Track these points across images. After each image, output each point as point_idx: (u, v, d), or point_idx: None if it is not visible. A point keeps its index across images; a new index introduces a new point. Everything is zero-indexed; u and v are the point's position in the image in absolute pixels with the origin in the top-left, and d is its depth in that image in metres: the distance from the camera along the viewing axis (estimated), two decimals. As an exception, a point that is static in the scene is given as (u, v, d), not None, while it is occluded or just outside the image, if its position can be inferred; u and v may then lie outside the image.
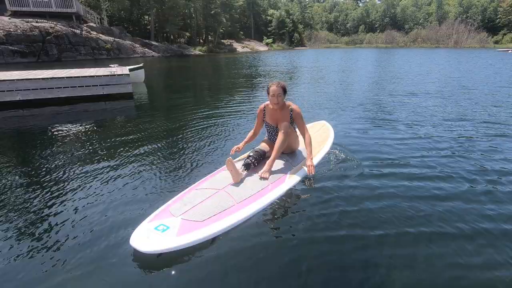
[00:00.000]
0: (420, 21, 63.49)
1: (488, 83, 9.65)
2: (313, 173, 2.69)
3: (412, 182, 2.81)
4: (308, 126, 3.99)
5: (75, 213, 2.34)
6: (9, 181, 2.92)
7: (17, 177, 3.03)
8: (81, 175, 3.02)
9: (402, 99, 7.03)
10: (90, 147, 3.88)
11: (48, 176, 3.01)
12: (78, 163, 3.33)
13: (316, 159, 3.05)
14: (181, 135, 4.38)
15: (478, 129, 4.58)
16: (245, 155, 2.90)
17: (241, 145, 2.98)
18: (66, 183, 2.85)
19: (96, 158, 3.48)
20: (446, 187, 2.74)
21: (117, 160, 3.39)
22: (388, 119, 5.19)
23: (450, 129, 4.59)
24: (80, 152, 3.70)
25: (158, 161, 3.38)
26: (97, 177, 2.96)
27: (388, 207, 2.38)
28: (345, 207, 2.39)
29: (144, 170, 3.12)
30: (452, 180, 2.87)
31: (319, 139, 3.57)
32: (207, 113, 5.81)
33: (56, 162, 3.38)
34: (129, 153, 3.60)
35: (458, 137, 4.19)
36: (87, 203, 2.48)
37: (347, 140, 3.97)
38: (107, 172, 3.08)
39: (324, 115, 5.29)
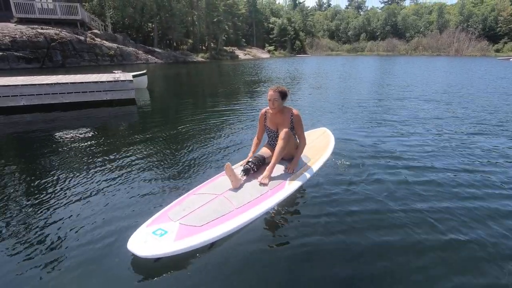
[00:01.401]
0: (421, 29, 63.80)
1: (490, 89, 9.68)
2: (293, 171, 2.87)
3: (415, 189, 2.81)
4: (308, 132, 4.02)
5: (73, 216, 2.36)
6: (12, 184, 2.96)
7: (19, 181, 3.06)
8: (82, 179, 3.05)
9: (404, 106, 7.05)
10: (92, 152, 3.92)
11: (49, 180, 3.04)
12: (79, 167, 3.36)
13: (316, 166, 3.09)
14: (182, 141, 4.41)
15: (485, 136, 4.57)
16: (245, 160, 2.92)
17: (250, 157, 2.96)
18: (67, 187, 2.87)
19: (98, 162, 3.51)
20: (449, 191, 2.75)
21: (118, 165, 3.42)
22: (389, 126, 5.20)
23: (453, 136, 4.59)
24: (82, 157, 3.73)
25: (158, 166, 3.41)
26: (97, 181, 2.99)
27: (389, 213, 2.39)
28: (345, 214, 2.39)
29: (144, 174, 3.14)
30: (455, 184, 2.89)
31: (320, 146, 3.59)
32: (208, 119, 5.85)
33: (58, 166, 3.41)
34: (130, 158, 3.63)
35: (461, 143, 4.19)
36: (87, 207, 2.50)
37: (347, 147, 3.98)
38: (108, 176, 3.11)
39: (325, 122, 5.31)
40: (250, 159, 2.81)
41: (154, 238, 1.90)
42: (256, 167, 2.78)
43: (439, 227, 2.21)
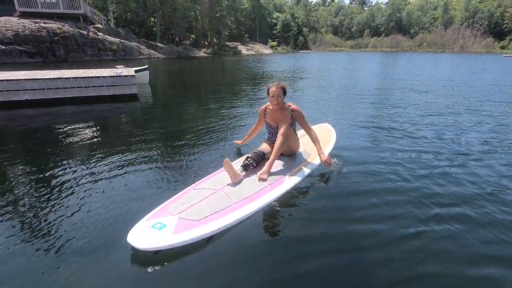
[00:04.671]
0: (426, 25, 63.25)
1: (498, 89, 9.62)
2: (330, 164, 2.84)
3: (416, 186, 2.80)
4: None
5: (75, 210, 2.40)
6: (14, 178, 3.00)
7: (22, 174, 3.10)
8: (84, 173, 3.09)
9: (409, 103, 6.99)
10: (93, 147, 3.96)
11: (51, 174, 3.08)
12: (81, 162, 3.40)
13: (316, 161, 3.08)
14: (183, 136, 4.44)
15: (488, 139, 4.47)
16: (244, 156, 2.94)
17: (241, 141, 2.99)
18: (69, 181, 2.91)
19: (99, 157, 3.55)
20: (450, 192, 2.73)
21: (119, 160, 3.45)
22: (392, 122, 5.18)
23: (454, 135, 4.54)
24: (83, 151, 3.77)
25: (159, 161, 3.44)
26: (99, 176, 3.02)
27: (389, 209, 2.40)
28: (344, 210, 2.41)
29: (145, 170, 3.17)
30: (457, 183, 2.88)
31: (321, 141, 3.59)
32: (209, 114, 5.87)
33: (59, 161, 3.45)
34: (132, 153, 3.66)
35: (463, 144, 4.13)
36: (88, 200, 2.54)
37: (349, 142, 3.99)
38: (109, 171, 3.14)
39: (327, 117, 5.29)
40: (250, 155, 2.83)
41: (153, 231, 1.94)
42: (256, 162, 2.79)
43: (441, 223, 2.22)
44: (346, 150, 3.67)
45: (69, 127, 4.94)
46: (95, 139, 4.33)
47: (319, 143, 2.95)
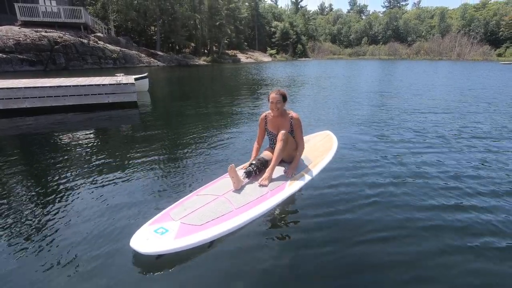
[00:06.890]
0: (423, 33, 64.02)
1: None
2: (292, 175, 2.85)
3: (415, 194, 2.80)
4: (312, 135, 4.06)
5: (77, 215, 2.40)
6: (16, 186, 3.00)
7: (23, 182, 3.11)
8: (85, 180, 3.09)
9: (409, 111, 7.00)
10: (94, 154, 3.96)
11: (53, 181, 3.08)
12: (82, 169, 3.41)
13: (317, 168, 3.11)
14: (184, 143, 4.45)
15: (489, 141, 4.51)
16: (248, 163, 2.95)
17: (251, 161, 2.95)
18: (70, 187, 2.92)
19: (101, 164, 3.56)
20: (454, 199, 2.73)
21: (121, 167, 3.46)
22: (393, 129, 5.20)
23: (457, 142, 4.53)
24: (85, 159, 3.78)
25: (162, 168, 3.45)
26: (102, 183, 3.03)
27: (388, 218, 2.40)
28: (344, 217, 2.41)
29: (147, 176, 3.18)
30: (459, 192, 2.86)
31: (322, 149, 3.61)
32: (209, 121, 5.90)
33: (60, 168, 3.46)
34: (133, 160, 3.67)
35: (467, 151, 4.12)
36: (90, 206, 2.54)
37: (350, 150, 3.99)
38: (112, 178, 3.15)
39: (329, 125, 5.31)
40: (253, 162, 2.84)
41: (155, 236, 1.95)
42: (259, 170, 2.80)
43: (441, 233, 2.22)
44: (347, 159, 3.67)
45: (69, 135, 4.95)
46: (95, 146, 4.34)
47: (299, 158, 2.97)
